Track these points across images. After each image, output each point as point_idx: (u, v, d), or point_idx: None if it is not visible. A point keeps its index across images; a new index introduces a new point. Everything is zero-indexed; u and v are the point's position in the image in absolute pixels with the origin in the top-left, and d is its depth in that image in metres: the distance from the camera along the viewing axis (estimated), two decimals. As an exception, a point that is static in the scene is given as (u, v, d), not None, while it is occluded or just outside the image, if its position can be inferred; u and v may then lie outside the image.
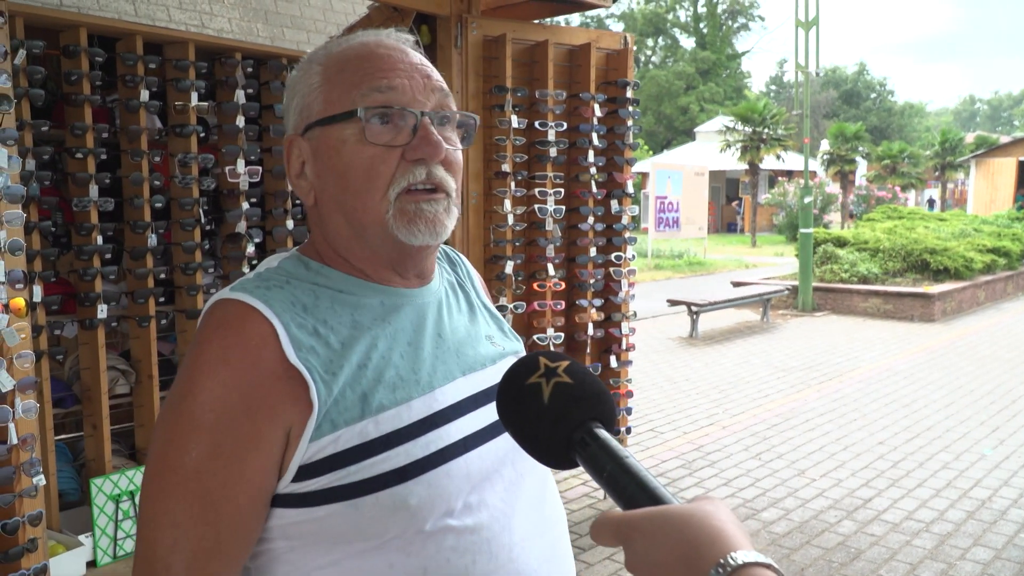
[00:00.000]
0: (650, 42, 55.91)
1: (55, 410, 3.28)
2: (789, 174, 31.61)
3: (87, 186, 3.10)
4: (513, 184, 3.95)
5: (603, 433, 0.78)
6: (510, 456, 1.03)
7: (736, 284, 12.66)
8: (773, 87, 62.42)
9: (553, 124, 4.00)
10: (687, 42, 54.98)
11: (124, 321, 3.43)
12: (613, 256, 4.27)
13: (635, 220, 4.43)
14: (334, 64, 1.00)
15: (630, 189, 4.30)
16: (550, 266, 4.05)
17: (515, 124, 3.91)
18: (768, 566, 0.65)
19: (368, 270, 1.03)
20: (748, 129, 27.48)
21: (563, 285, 4.14)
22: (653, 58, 56.30)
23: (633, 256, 4.38)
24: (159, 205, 3.36)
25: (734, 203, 34.95)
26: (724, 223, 35.01)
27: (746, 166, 28.23)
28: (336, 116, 0.98)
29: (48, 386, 3.03)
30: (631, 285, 4.38)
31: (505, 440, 1.00)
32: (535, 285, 4.06)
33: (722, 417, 6.47)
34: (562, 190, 4.09)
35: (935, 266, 12.52)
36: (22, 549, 2.49)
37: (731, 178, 35.02)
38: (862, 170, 34.20)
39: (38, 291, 2.90)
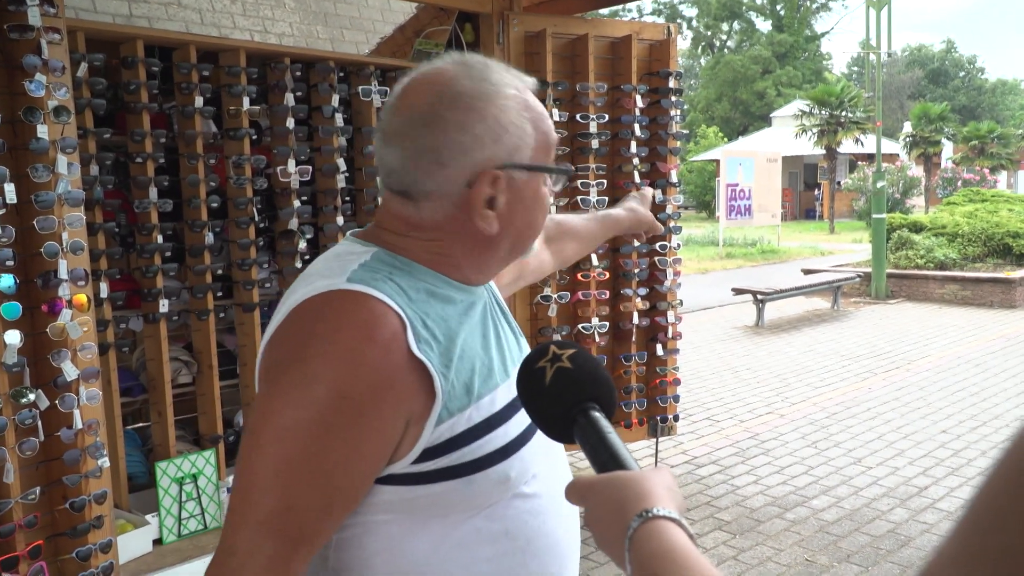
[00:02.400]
0: (725, 26, 54.83)
1: (124, 399, 3.50)
2: (870, 158, 30.61)
3: (147, 188, 3.29)
4: (555, 177, 4.00)
5: (595, 412, 0.91)
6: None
7: (807, 272, 12.40)
8: (855, 68, 60.41)
9: (595, 116, 4.04)
10: (763, 25, 53.67)
11: (185, 315, 3.63)
12: (658, 245, 4.29)
13: (711, 208, 4.43)
14: (538, 115, 1.08)
15: (674, 179, 4.31)
16: (594, 256, 4.09)
17: (556, 117, 3.97)
18: (676, 521, 0.77)
19: (449, 272, 1.10)
20: (825, 113, 26.75)
21: (607, 275, 4.18)
22: (728, 42, 55.19)
23: (678, 246, 4.39)
24: (215, 205, 3.53)
25: (813, 190, 34.06)
26: (802, 210, 34.16)
27: (824, 151, 27.51)
28: (551, 168, 1.09)
29: (116, 376, 3.24)
30: (677, 274, 4.39)
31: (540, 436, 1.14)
32: (579, 275, 4.12)
33: (781, 406, 6.39)
34: (605, 181, 4.13)
35: (1018, 250, 12.00)
36: (89, 525, 2.69)
37: (809, 163, 34.11)
38: (948, 152, 32.86)
39: (104, 288, 3.10)
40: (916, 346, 8.55)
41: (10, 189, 2.50)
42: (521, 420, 1.09)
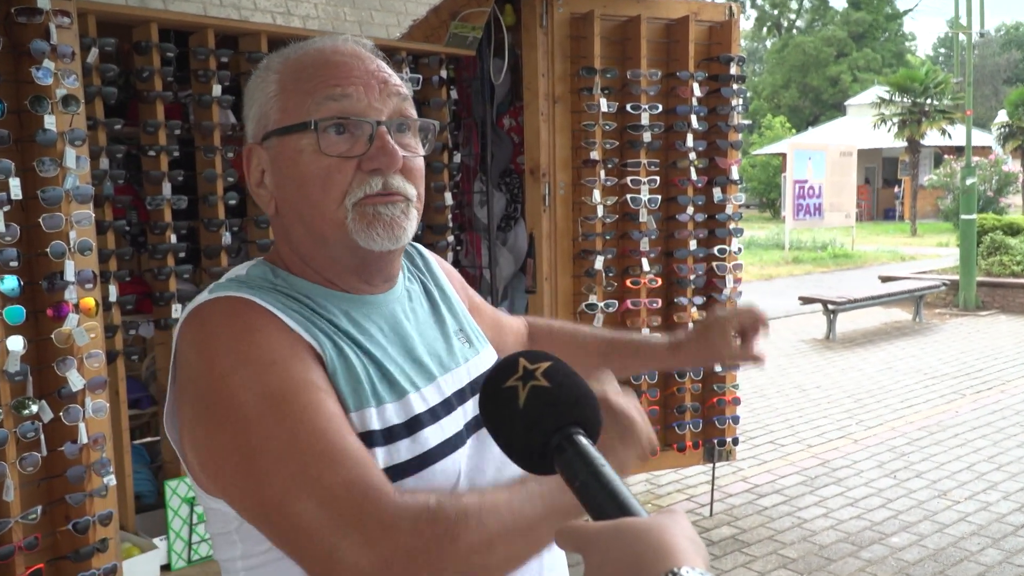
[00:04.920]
0: (794, 4, 54.27)
1: (132, 411, 3.57)
2: (959, 151, 30.06)
3: (160, 184, 3.35)
4: (603, 173, 4.01)
5: (581, 440, 0.82)
6: (488, 454, 1.12)
7: (884, 279, 12.23)
8: (942, 50, 59.39)
9: (647, 107, 4.04)
10: (838, 2, 53.03)
11: (200, 321, 3.69)
12: (716, 249, 4.27)
13: (776, 207, 4.39)
14: (290, 72, 1.09)
15: (735, 175, 4.28)
16: (645, 261, 4.08)
17: (604, 108, 3.97)
18: None
19: (333, 278, 1.13)
20: (907, 100, 26.35)
21: (659, 282, 4.16)
22: (798, 22, 54.64)
23: (739, 249, 4.36)
24: (234, 202, 3.58)
25: (893, 187, 33.54)
26: (880, 209, 33.66)
27: (905, 143, 27.10)
28: (291, 127, 1.07)
29: (124, 386, 3.30)
30: (737, 281, 4.36)
31: (478, 439, 1.12)
32: (628, 282, 4.11)
33: (855, 429, 6.31)
34: (657, 178, 4.12)
35: None
36: (92, 549, 2.75)
37: (888, 157, 33.60)
38: (1050, 144, 32.13)
39: (113, 291, 3.17)
40: (1011, 364, 8.37)
41: (15, 184, 2.57)
42: (425, 440, 1.06)
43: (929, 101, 26.25)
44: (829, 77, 46.71)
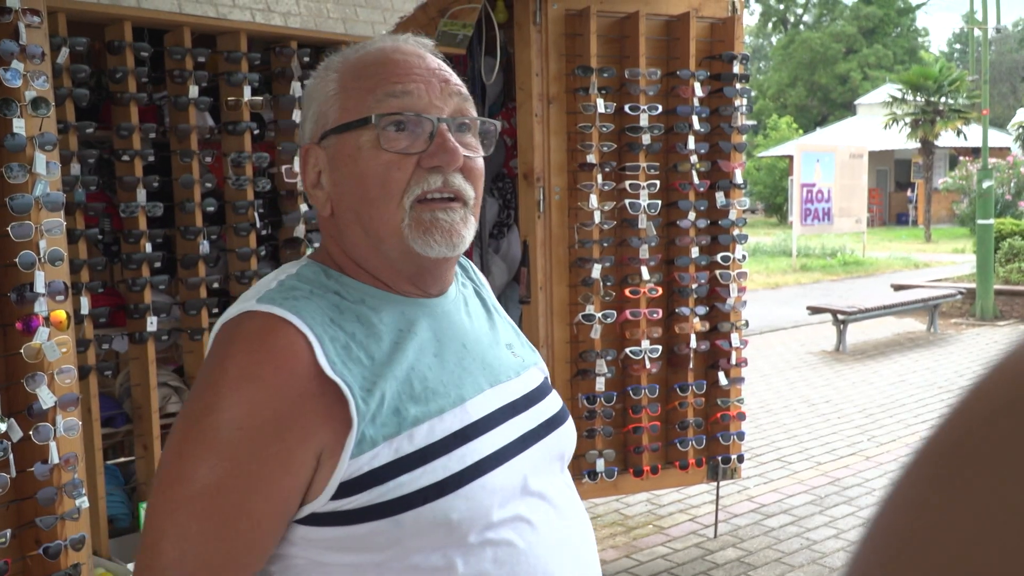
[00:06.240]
0: (801, -1, 54.60)
1: (105, 429, 3.59)
2: (975, 152, 30.27)
3: (135, 190, 3.37)
4: (600, 177, 4.04)
5: None
6: (537, 469, 1.17)
7: (897, 288, 12.30)
8: (957, 46, 59.78)
9: (646, 107, 4.08)
10: (847, -3, 53.34)
11: (176, 334, 3.71)
12: (719, 257, 4.30)
13: (783, 212, 4.42)
14: (350, 71, 1.15)
15: (739, 179, 4.32)
16: (644, 269, 4.12)
17: (601, 109, 4.00)
18: None
19: (388, 281, 1.17)
20: (920, 99, 26.53)
21: (660, 291, 4.19)
22: (805, 17, 54.97)
23: (744, 256, 4.40)
24: (212, 209, 3.61)
25: (906, 190, 33.73)
26: (892, 214, 33.84)
27: (918, 144, 27.27)
28: (351, 123, 1.12)
29: (96, 403, 3.32)
30: (742, 290, 4.40)
31: (531, 453, 1.17)
32: (627, 291, 4.14)
33: (867, 446, 6.36)
34: (657, 182, 4.15)
35: None
36: (64, 575, 2.76)
37: (901, 159, 33.82)
38: (1071, 145, 32.37)
39: (85, 303, 3.19)
40: (1029, 377, 8.44)
41: (-17, 191, 2.60)
42: (474, 452, 1.10)
43: (943, 100, 26.44)
44: (838, 75, 46.95)
